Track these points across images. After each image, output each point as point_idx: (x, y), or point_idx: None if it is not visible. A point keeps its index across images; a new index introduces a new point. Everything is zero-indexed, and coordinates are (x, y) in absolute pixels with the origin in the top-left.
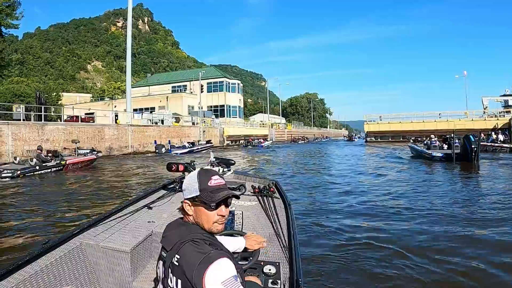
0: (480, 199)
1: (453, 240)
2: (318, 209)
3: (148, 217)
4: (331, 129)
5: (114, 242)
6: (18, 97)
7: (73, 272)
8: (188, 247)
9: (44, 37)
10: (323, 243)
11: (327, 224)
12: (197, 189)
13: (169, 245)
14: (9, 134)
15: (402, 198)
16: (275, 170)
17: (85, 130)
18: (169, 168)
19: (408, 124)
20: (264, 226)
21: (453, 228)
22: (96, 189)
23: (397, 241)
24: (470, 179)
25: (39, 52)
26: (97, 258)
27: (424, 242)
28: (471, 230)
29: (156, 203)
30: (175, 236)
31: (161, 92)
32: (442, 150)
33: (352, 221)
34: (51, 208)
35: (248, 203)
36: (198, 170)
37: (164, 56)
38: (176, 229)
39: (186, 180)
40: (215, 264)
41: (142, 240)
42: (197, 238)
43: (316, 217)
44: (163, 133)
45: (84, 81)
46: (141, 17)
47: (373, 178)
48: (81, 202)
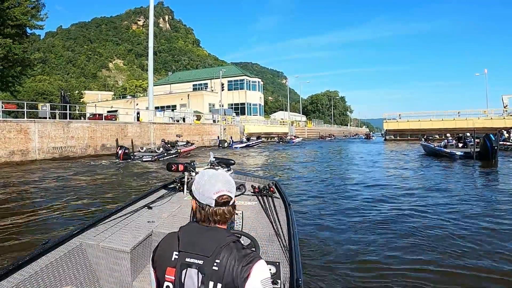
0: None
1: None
2: (319, 207)
3: (148, 217)
4: (351, 127)
5: (114, 242)
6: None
7: (73, 272)
8: (228, 251)
9: (65, 36)
10: (323, 242)
11: (327, 223)
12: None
13: (207, 251)
14: (35, 131)
15: (419, 195)
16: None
17: (109, 128)
18: (169, 168)
19: (428, 122)
20: (264, 226)
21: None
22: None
23: (400, 239)
24: (494, 174)
25: (61, 51)
26: (97, 258)
27: (436, 242)
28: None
29: (156, 203)
30: (211, 241)
31: (182, 90)
32: (458, 148)
33: (354, 220)
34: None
35: (248, 203)
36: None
37: (185, 54)
38: (205, 233)
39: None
40: (258, 264)
41: (142, 240)
42: (234, 240)
43: (316, 216)
44: (185, 131)
45: (105, 79)
46: (161, 16)
47: (392, 175)
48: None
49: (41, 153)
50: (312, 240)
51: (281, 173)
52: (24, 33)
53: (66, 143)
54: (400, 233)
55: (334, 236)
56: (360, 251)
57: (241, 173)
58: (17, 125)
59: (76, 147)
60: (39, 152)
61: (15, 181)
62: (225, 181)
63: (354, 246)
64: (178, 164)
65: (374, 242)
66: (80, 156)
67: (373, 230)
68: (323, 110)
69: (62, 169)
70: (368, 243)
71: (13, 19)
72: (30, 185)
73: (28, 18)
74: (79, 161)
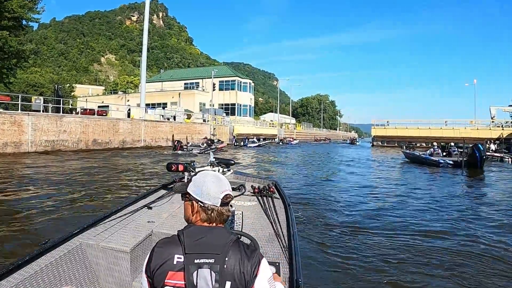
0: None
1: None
2: (320, 207)
3: (148, 217)
4: (340, 132)
5: (114, 242)
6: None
7: (73, 272)
8: (235, 248)
9: (59, 29)
10: (323, 243)
11: (327, 223)
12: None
13: (217, 248)
14: (29, 124)
15: (411, 198)
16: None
17: (101, 123)
18: (169, 168)
19: (415, 130)
20: (264, 226)
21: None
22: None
23: (400, 241)
24: (483, 182)
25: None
26: (97, 258)
27: (433, 243)
28: None
29: (156, 203)
30: (218, 239)
31: (174, 88)
32: (443, 157)
33: (353, 220)
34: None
35: (248, 203)
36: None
37: (177, 51)
38: (208, 233)
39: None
40: (263, 262)
41: (142, 240)
42: (237, 239)
43: (317, 215)
44: (175, 129)
45: (97, 74)
46: (155, 12)
47: (380, 180)
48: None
49: (34, 145)
50: (312, 240)
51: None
52: (21, 26)
53: (59, 136)
54: (401, 234)
55: (334, 236)
56: (361, 251)
57: (241, 173)
58: (11, 117)
59: (68, 141)
60: (32, 144)
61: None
62: (227, 181)
63: (354, 246)
64: (178, 164)
65: (374, 243)
66: (72, 150)
67: (373, 231)
68: (313, 113)
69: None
70: (368, 243)
71: (10, 12)
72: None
73: (25, 11)
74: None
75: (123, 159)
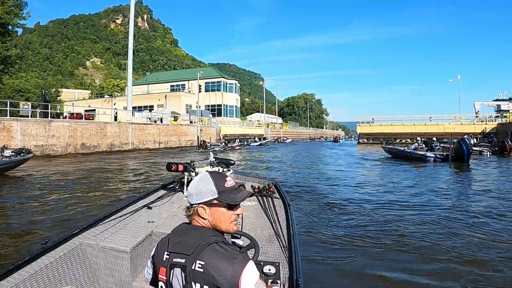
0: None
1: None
2: (319, 206)
3: (148, 217)
4: (327, 130)
5: (114, 242)
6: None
7: (73, 272)
8: (213, 251)
9: (43, 33)
10: (323, 243)
11: (327, 223)
12: (215, 191)
13: (188, 249)
14: (18, 129)
15: (409, 195)
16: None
17: (89, 127)
18: (169, 168)
19: (400, 126)
20: (264, 226)
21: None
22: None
23: (399, 240)
24: (471, 175)
25: (38, 48)
26: (97, 258)
27: (434, 240)
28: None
29: (156, 203)
30: (193, 240)
31: (160, 90)
32: (427, 152)
33: (353, 219)
34: None
35: (247, 203)
36: (207, 173)
37: (162, 54)
38: (189, 233)
39: (197, 185)
40: (247, 268)
41: (142, 240)
42: (219, 241)
43: (316, 215)
44: (162, 131)
45: (82, 78)
46: (140, 15)
47: (373, 176)
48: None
49: None
50: (312, 241)
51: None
52: (7, 32)
53: (47, 141)
54: (401, 234)
55: (334, 236)
56: (361, 252)
57: (240, 173)
58: (0, 123)
59: (57, 145)
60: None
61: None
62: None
63: (354, 246)
64: (178, 164)
65: (374, 243)
66: (61, 155)
67: (373, 231)
68: (299, 112)
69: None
70: (368, 243)
71: None
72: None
73: (11, 17)
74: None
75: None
